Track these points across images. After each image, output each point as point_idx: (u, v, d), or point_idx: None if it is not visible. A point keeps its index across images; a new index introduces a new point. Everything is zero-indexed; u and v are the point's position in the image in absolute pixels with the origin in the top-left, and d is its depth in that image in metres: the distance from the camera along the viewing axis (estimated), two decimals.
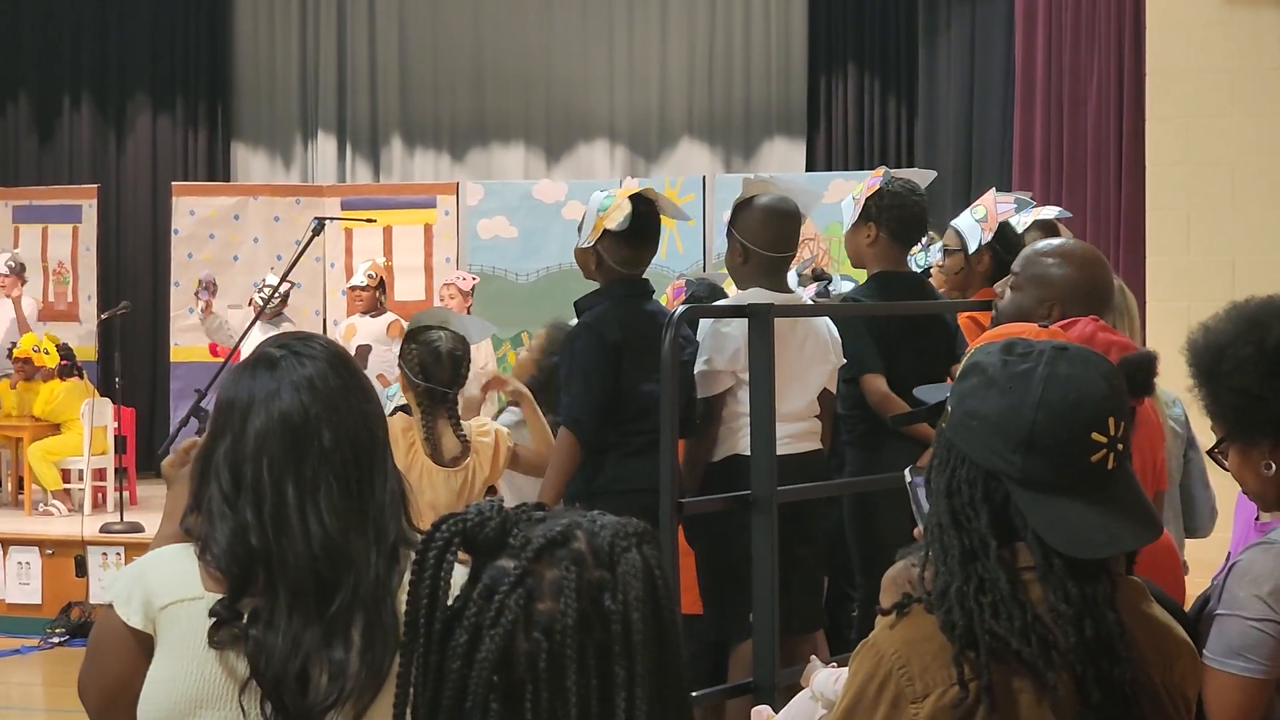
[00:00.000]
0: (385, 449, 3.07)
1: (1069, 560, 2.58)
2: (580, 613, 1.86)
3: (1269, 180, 12.04)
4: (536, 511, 1.97)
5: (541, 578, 1.88)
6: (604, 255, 6.45)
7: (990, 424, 2.63)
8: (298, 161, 18.55)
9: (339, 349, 3.14)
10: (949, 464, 2.68)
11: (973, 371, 2.71)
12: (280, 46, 18.60)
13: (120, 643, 2.94)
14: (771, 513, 5.62)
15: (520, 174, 17.82)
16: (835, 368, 6.68)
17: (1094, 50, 13.47)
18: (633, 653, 1.88)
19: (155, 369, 17.54)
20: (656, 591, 1.92)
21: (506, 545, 1.91)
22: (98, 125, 18.40)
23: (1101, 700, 2.55)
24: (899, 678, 2.59)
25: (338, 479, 2.95)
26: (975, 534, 2.61)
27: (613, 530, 1.93)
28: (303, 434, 2.96)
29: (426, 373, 6.40)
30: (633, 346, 6.36)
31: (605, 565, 1.90)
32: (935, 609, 2.60)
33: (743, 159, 17.47)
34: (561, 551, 1.89)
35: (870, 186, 6.71)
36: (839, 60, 17.08)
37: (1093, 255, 4.92)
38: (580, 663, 1.85)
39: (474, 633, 1.88)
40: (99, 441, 14.55)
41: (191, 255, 16.39)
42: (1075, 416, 2.60)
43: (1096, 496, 2.62)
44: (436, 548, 1.93)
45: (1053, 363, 2.64)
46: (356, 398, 3.05)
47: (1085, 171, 13.50)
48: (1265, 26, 12.06)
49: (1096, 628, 2.55)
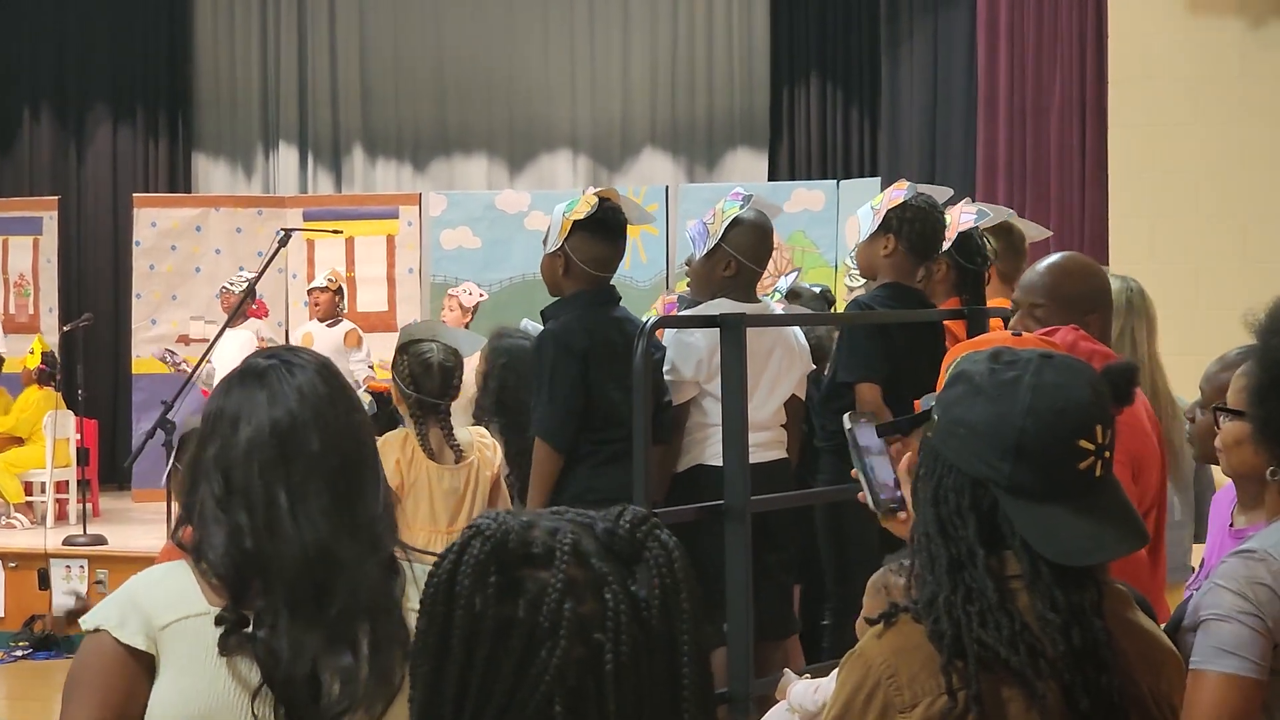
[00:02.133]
0: (375, 459, 3.08)
1: (1056, 568, 2.58)
2: (626, 606, 1.85)
3: (1232, 188, 12.08)
4: (519, 516, 1.93)
5: (578, 580, 1.85)
6: (573, 255, 6.44)
7: (978, 432, 2.63)
8: (259, 172, 18.49)
9: (326, 360, 3.15)
10: (935, 472, 2.68)
11: (959, 380, 2.71)
12: (241, 57, 18.54)
13: (118, 667, 2.91)
14: (745, 522, 5.63)
15: (483, 184, 17.80)
16: (804, 374, 6.71)
17: (1056, 59, 13.51)
18: (678, 635, 1.86)
19: (117, 381, 17.47)
20: (688, 571, 1.91)
21: (533, 555, 1.88)
22: (58, 136, 18.31)
23: (1089, 708, 2.55)
24: (887, 687, 2.58)
25: (327, 485, 2.96)
26: (963, 542, 2.61)
27: (629, 519, 1.91)
28: (291, 440, 2.97)
29: (418, 384, 6.58)
30: (600, 354, 6.36)
31: (624, 555, 1.88)
32: (923, 618, 2.60)
33: (705, 169, 17.49)
34: (584, 549, 1.87)
35: (893, 199, 6.71)
36: (801, 70, 17.10)
37: (1075, 264, 4.93)
38: (634, 655, 1.83)
39: (526, 649, 1.84)
40: (61, 454, 14.49)
41: (153, 266, 16.35)
42: (1063, 424, 2.61)
43: (1084, 504, 2.62)
44: (470, 567, 1.89)
45: (1039, 371, 2.65)
46: (344, 407, 3.05)
47: (1048, 180, 13.54)
48: (1227, 35, 12.11)
49: (1084, 636, 2.56)
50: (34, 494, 14.69)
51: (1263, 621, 3.39)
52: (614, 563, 1.87)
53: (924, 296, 6.91)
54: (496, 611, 1.86)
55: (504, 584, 1.87)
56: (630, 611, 1.84)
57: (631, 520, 1.91)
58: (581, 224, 6.43)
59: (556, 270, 6.54)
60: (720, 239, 6.56)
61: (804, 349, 6.76)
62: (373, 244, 16.36)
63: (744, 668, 5.58)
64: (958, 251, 7.05)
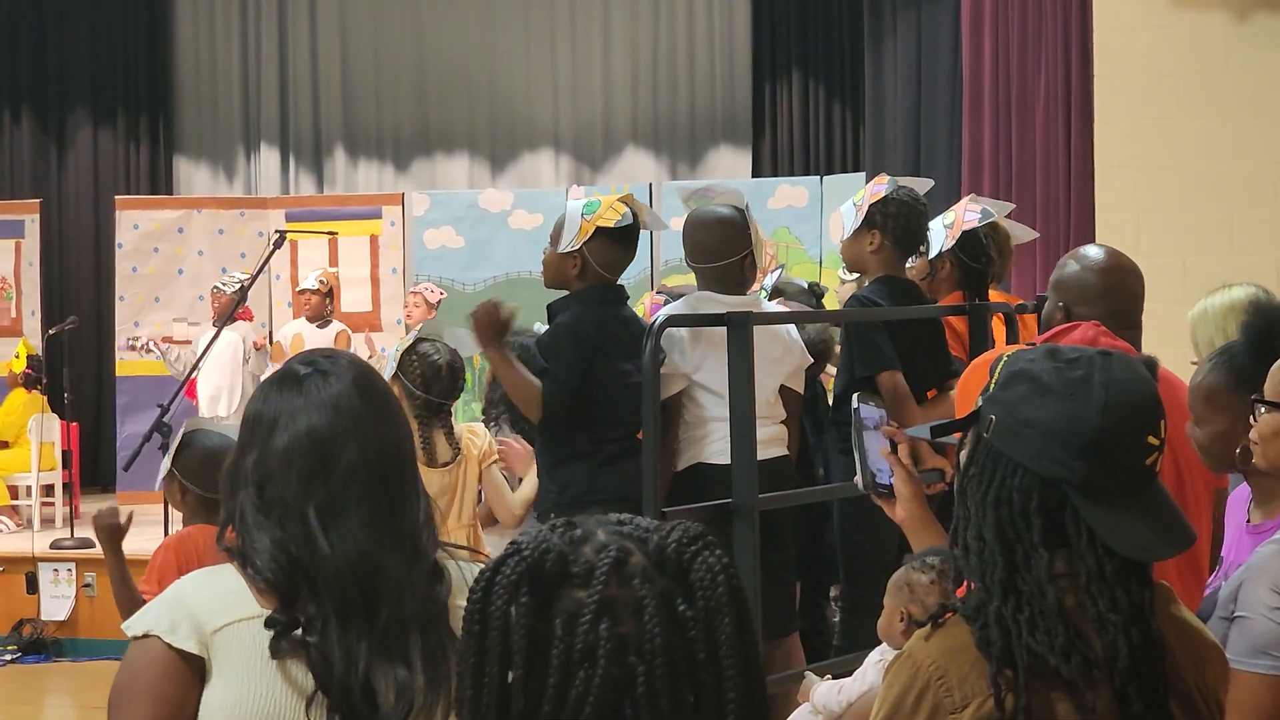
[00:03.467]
0: (414, 468, 3.08)
1: (1121, 568, 2.57)
2: (663, 627, 1.82)
3: (1218, 182, 12.09)
4: (571, 529, 1.92)
5: (616, 601, 1.83)
6: (590, 258, 6.45)
7: (1048, 430, 2.61)
8: (241, 174, 18.45)
9: (365, 368, 3.14)
10: (996, 474, 2.65)
11: (1019, 379, 2.68)
12: (221, 58, 18.49)
13: (170, 673, 2.88)
14: (753, 521, 5.62)
15: (465, 184, 17.78)
16: (797, 368, 6.70)
17: (1041, 54, 13.50)
18: (720, 656, 1.84)
19: (101, 384, 17.42)
20: (736, 592, 1.88)
21: (571, 574, 1.86)
22: (38, 139, 18.24)
23: (1142, 711, 2.54)
24: (937, 688, 2.57)
25: (366, 497, 2.95)
26: (1024, 545, 2.59)
27: (678, 535, 1.89)
28: (329, 451, 2.96)
29: (428, 385, 6.62)
30: (608, 352, 6.36)
31: (672, 573, 1.86)
32: (971, 622, 2.59)
33: (688, 166, 17.47)
34: (628, 569, 1.85)
35: (875, 194, 6.71)
36: (783, 66, 17.09)
37: (1107, 258, 4.92)
38: (673, 677, 1.81)
39: (563, 670, 1.82)
40: (47, 457, 14.45)
41: (136, 269, 16.30)
42: (1136, 420, 2.61)
43: (1145, 500, 2.62)
44: (502, 587, 1.87)
45: (1108, 368, 2.64)
46: (382, 417, 3.04)
47: (1034, 175, 13.53)
48: (1213, 29, 12.11)
49: (1143, 636, 2.54)
50: (19, 498, 14.64)
51: None
52: (661, 582, 1.85)
53: (918, 289, 6.92)
54: (530, 631, 1.84)
55: (537, 604, 1.85)
56: (669, 633, 1.82)
57: (680, 538, 1.89)
58: (606, 230, 6.45)
59: (568, 270, 6.52)
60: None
61: (795, 342, 6.75)
62: (356, 244, 16.32)
63: None
64: (962, 250, 7.07)
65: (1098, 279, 4.85)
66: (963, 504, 2.70)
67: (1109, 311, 4.80)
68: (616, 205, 6.47)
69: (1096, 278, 4.85)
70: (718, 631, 1.84)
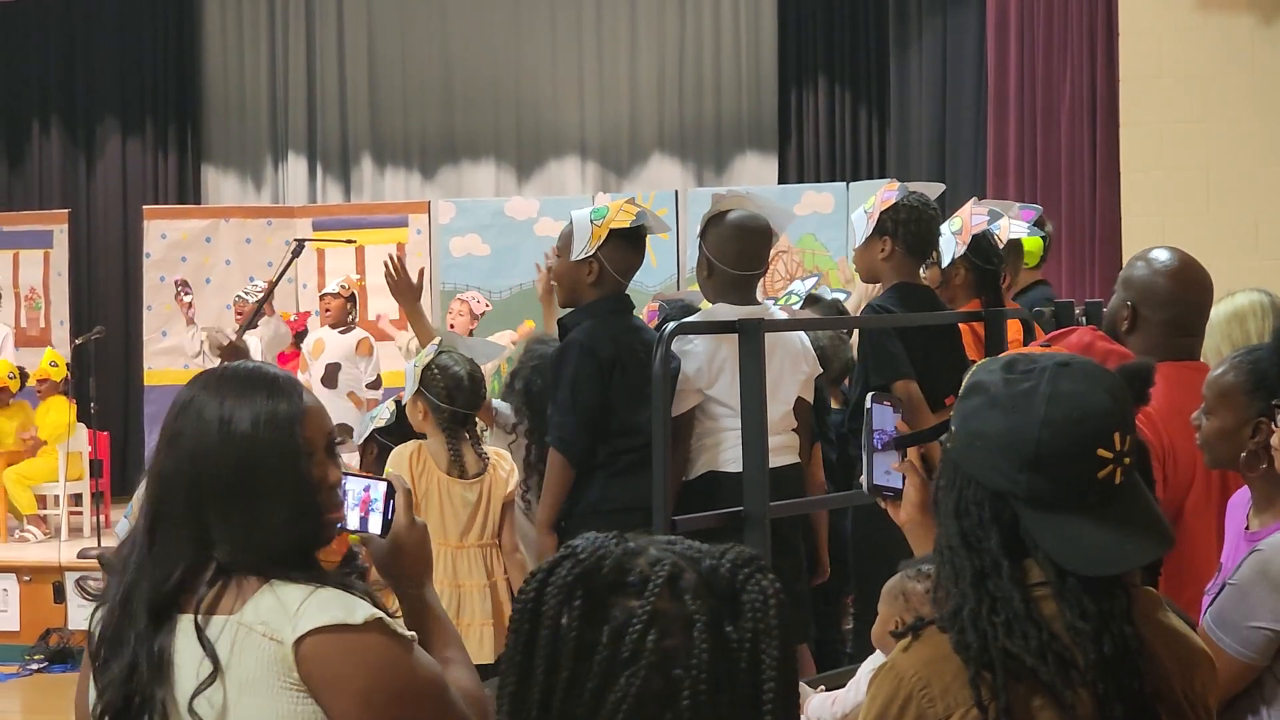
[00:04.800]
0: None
1: (1084, 576, 2.55)
2: (710, 644, 1.84)
3: (1243, 185, 12.06)
4: (626, 542, 1.93)
5: (667, 614, 1.84)
6: (606, 263, 6.43)
7: (994, 444, 2.60)
8: (268, 183, 18.51)
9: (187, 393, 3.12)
10: (956, 485, 2.65)
11: (975, 391, 2.68)
12: (249, 68, 18.55)
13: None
14: (765, 528, 5.60)
15: (491, 191, 17.80)
16: (810, 378, 6.67)
17: (1066, 57, 13.47)
18: (763, 679, 1.85)
19: (128, 393, 17.46)
20: (785, 619, 1.89)
21: (626, 584, 1.87)
22: (67, 149, 18.32)
23: (1124, 715, 2.52)
24: (920, 699, 2.56)
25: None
26: (987, 554, 2.58)
27: (732, 558, 1.91)
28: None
29: (452, 398, 6.68)
30: (625, 362, 6.35)
31: (722, 594, 1.87)
32: (948, 629, 2.58)
33: (714, 173, 17.46)
34: (681, 584, 1.86)
35: (885, 200, 6.67)
36: (809, 72, 17.07)
37: (1186, 270, 4.93)
38: (714, 694, 1.83)
39: (605, 675, 1.84)
40: (74, 466, 14.49)
41: (164, 278, 16.32)
42: (1080, 434, 2.57)
43: (1105, 513, 2.59)
44: (556, 589, 1.89)
45: (1055, 379, 2.61)
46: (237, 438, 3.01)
47: (1059, 179, 13.50)
48: (1238, 31, 12.09)
49: (1115, 643, 2.53)
50: (47, 507, 14.69)
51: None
52: (711, 600, 1.86)
53: (934, 294, 6.89)
54: (579, 635, 1.86)
55: (589, 609, 1.87)
56: (715, 651, 1.84)
57: (734, 561, 1.91)
58: (618, 232, 6.44)
59: (582, 278, 6.49)
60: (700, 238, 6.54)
61: (808, 351, 6.71)
62: (382, 253, 16.26)
63: None
64: (973, 254, 7.04)
65: (1166, 284, 4.87)
66: (936, 513, 2.69)
67: (1172, 318, 4.82)
68: (627, 207, 6.47)
69: (1166, 282, 4.87)
70: (762, 655, 1.86)
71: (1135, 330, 4.89)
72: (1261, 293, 5.90)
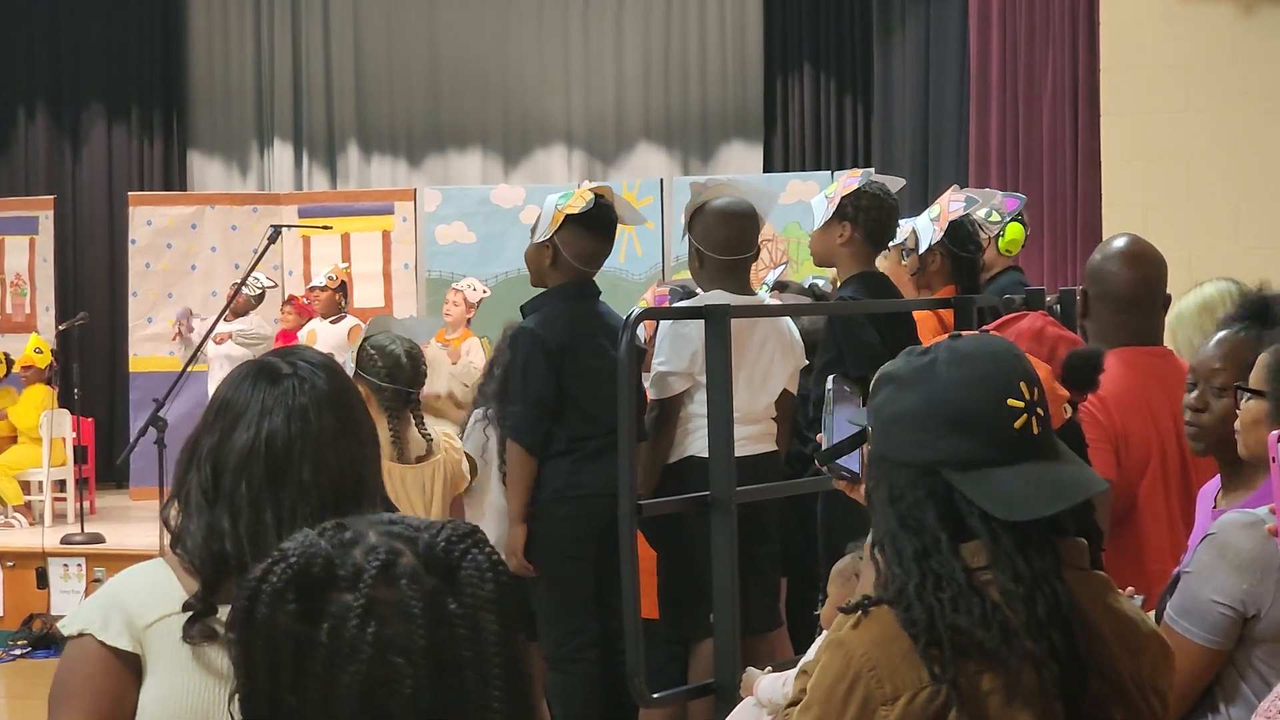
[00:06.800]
0: (374, 494, 3.02)
1: (1017, 538, 2.58)
2: (429, 627, 1.84)
3: (1224, 174, 12.08)
4: (342, 531, 1.92)
5: (383, 602, 1.84)
6: (561, 248, 6.47)
7: (912, 421, 2.65)
8: (254, 170, 18.50)
9: (344, 384, 3.08)
10: (885, 477, 2.69)
11: (882, 383, 2.75)
12: (235, 55, 18.54)
13: (105, 669, 2.87)
14: (731, 513, 5.62)
15: (478, 179, 17.81)
16: (797, 368, 6.69)
17: (1048, 47, 13.49)
18: (485, 654, 1.86)
19: (114, 379, 17.46)
20: (505, 590, 1.89)
21: (338, 578, 1.86)
22: (53, 136, 18.31)
23: (1059, 674, 2.54)
24: (868, 679, 2.56)
25: (314, 516, 2.86)
26: (926, 532, 2.61)
27: (447, 534, 1.90)
28: (284, 463, 2.92)
29: (392, 376, 6.55)
30: (581, 349, 6.37)
31: (440, 571, 1.87)
32: (895, 605, 2.60)
33: (700, 161, 17.48)
34: (395, 570, 1.86)
35: (847, 186, 6.69)
36: (795, 61, 17.09)
37: (1135, 252, 4.98)
38: (438, 676, 1.83)
39: (329, 671, 1.83)
40: (58, 453, 14.50)
41: (149, 265, 16.34)
42: (987, 387, 2.63)
43: (1030, 462, 2.62)
44: (268, 595, 1.88)
45: (951, 348, 2.69)
46: (349, 440, 2.99)
47: (1041, 168, 13.53)
48: (1219, 21, 12.10)
49: (1047, 602, 2.55)
50: (31, 493, 14.69)
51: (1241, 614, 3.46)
52: (429, 581, 1.86)
53: (892, 284, 6.91)
54: (295, 636, 1.85)
55: (304, 609, 1.86)
56: (435, 633, 1.84)
57: (449, 536, 1.90)
58: (574, 218, 6.45)
59: (543, 260, 6.55)
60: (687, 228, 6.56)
61: (797, 342, 6.74)
62: (368, 240, 16.36)
63: (731, 659, 5.58)
64: (950, 241, 7.06)
65: (1114, 267, 4.97)
66: (871, 509, 2.74)
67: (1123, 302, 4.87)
68: (583, 193, 6.49)
69: (1114, 265, 4.96)
70: (483, 629, 1.86)
71: (1088, 316, 4.94)
72: (1230, 281, 5.93)
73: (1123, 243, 5.04)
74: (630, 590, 5.52)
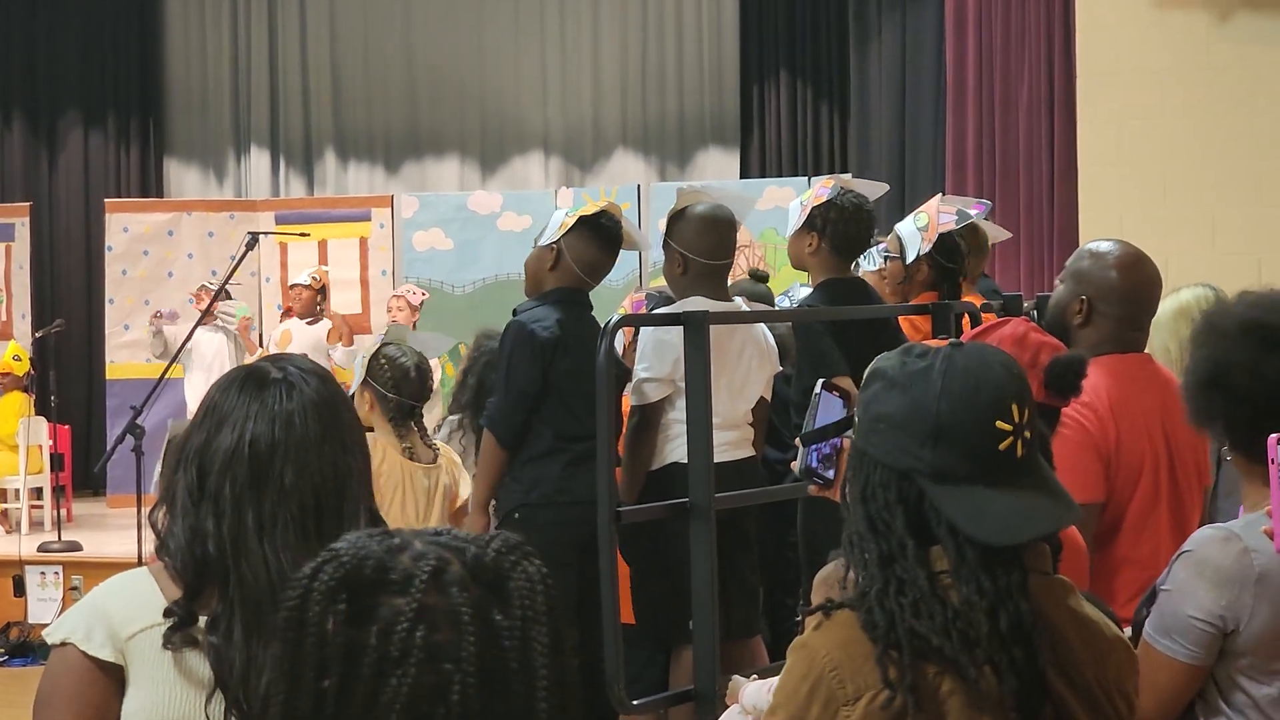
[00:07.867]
0: (356, 503, 3.01)
1: (983, 553, 2.58)
2: (478, 636, 1.84)
3: (1201, 180, 12.11)
4: (391, 538, 1.92)
5: (433, 609, 1.84)
6: (566, 252, 6.52)
7: (896, 423, 2.65)
8: (231, 176, 18.49)
9: (333, 391, 3.08)
10: (862, 471, 2.69)
11: (874, 378, 2.74)
12: (211, 61, 18.52)
13: (88, 680, 2.87)
14: (710, 520, 5.62)
15: (455, 186, 17.81)
16: (773, 374, 6.71)
17: (1025, 53, 13.53)
18: (533, 666, 1.86)
19: (91, 386, 17.45)
20: (553, 603, 1.90)
21: (389, 581, 1.87)
22: (29, 142, 18.28)
23: (1018, 688, 2.55)
24: (830, 680, 2.58)
25: (294, 521, 2.90)
26: (893, 537, 2.62)
27: (497, 545, 1.91)
28: (267, 466, 2.93)
29: (399, 388, 6.69)
30: (571, 350, 6.39)
31: (489, 583, 1.87)
32: (856, 608, 2.61)
33: (677, 168, 17.50)
34: (445, 577, 1.86)
35: (819, 196, 6.70)
36: (771, 68, 17.13)
37: (1134, 259, 4.95)
38: (486, 685, 1.83)
39: (376, 676, 1.83)
40: (35, 460, 14.47)
41: (126, 272, 16.32)
42: (978, 404, 2.62)
43: (1008, 485, 2.62)
44: (320, 594, 1.88)
45: (950, 358, 2.67)
46: (333, 447, 2.99)
47: (1018, 174, 13.56)
48: (1195, 27, 12.13)
49: (1010, 618, 2.56)
50: (8, 500, 14.67)
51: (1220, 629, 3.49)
52: (478, 590, 1.86)
53: (865, 286, 6.91)
54: (346, 638, 1.85)
55: (355, 610, 1.86)
56: (484, 642, 1.84)
57: (499, 548, 1.91)
58: (584, 222, 6.51)
59: (544, 263, 6.60)
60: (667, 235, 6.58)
61: (772, 348, 6.76)
62: (346, 246, 16.35)
63: (711, 665, 5.58)
64: (938, 252, 7.06)
65: (1123, 279, 4.91)
66: (844, 504, 2.74)
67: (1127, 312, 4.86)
68: (599, 203, 6.60)
69: (1122, 277, 4.91)
70: (532, 642, 1.86)
71: (1089, 324, 4.90)
72: (1206, 287, 5.94)
73: (1122, 250, 5.00)
74: (609, 597, 5.52)
